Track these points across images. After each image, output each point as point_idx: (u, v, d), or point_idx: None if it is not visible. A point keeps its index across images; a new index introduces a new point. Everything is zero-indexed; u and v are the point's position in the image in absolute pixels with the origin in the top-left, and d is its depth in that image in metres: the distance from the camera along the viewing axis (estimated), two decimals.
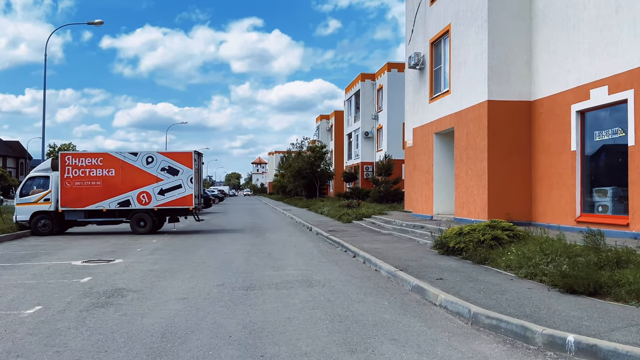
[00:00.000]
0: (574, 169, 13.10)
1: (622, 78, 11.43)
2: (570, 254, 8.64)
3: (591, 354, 4.81)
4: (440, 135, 18.62)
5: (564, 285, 7.22)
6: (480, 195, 15.05)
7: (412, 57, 19.74)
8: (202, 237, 18.08)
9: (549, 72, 14.11)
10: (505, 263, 9.39)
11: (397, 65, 43.40)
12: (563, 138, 13.48)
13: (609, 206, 12.42)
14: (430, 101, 19.05)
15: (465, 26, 16.22)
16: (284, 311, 6.95)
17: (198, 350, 5.34)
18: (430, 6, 19.18)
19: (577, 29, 12.98)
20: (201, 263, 11.68)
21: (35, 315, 6.92)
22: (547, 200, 14.20)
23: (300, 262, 11.59)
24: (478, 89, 15.25)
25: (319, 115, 73.99)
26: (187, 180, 19.75)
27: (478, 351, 5.22)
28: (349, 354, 5.15)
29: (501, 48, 14.86)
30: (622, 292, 6.69)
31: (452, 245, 11.15)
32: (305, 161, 47.97)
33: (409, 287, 8.36)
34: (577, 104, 12.92)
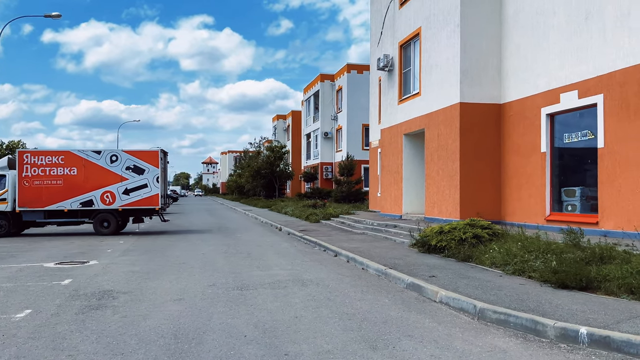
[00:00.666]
0: (544, 169, 13.63)
1: (591, 83, 11.99)
2: (554, 251, 9.00)
3: (604, 345, 5.05)
4: (410, 136, 18.96)
5: (556, 281, 7.51)
6: (452, 195, 15.42)
7: (381, 59, 19.99)
8: (170, 238, 17.72)
9: (519, 76, 14.62)
10: (490, 260, 9.67)
11: (356, 66, 43.83)
12: (533, 140, 14.00)
13: (578, 205, 13.00)
14: (400, 102, 19.35)
15: (436, 30, 16.58)
16: (289, 310, 6.93)
17: (218, 350, 5.26)
18: (399, 9, 19.49)
19: (547, 34, 13.51)
20: (181, 264, 11.46)
21: (28, 319, 6.62)
22: (516, 199, 14.70)
23: (283, 262, 11.56)
24: (450, 91, 15.62)
25: (276, 115, 73.77)
26: (153, 179, 19.31)
27: (494, 345, 5.38)
28: (372, 351, 5.20)
29: (473, 52, 15.28)
30: (612, 286, 7.02)
31: (434, 244, 11.38)
32: (264, 161, 47.71)
33: (404, 284, 8.49)
34: (547, 107, 13.45)
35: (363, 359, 4.97)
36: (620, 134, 11.15)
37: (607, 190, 11.50)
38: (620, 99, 11.15)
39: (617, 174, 11.24)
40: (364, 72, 43.72)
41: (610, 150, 11.43)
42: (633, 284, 6.75)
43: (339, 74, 45.51)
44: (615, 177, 11.27)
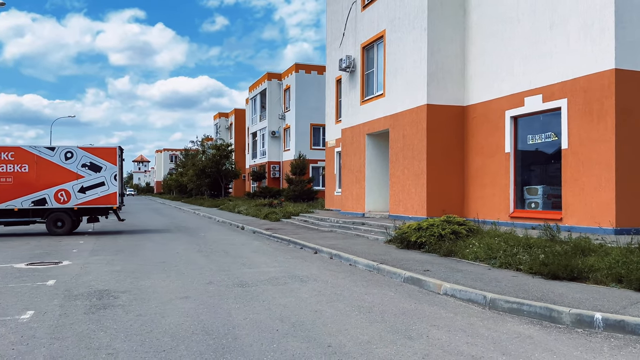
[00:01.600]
0: (507, 169, 14.38)
1: (556, 88, 12.79)
2: (536, 245, 9.59)
3: (619, 329, 5.52)
4: (373, 136, 19.39)
5: (548, 273, 8.03)
6: (419, 193, 15.95)
7: (343, 60, 20.31)
8: (132, 238, 17.24)
9: (483, 80, 15.33)
10: (473, 255, 10.14)
11: (304, 66, 44.06)
12: (497, 141, 14.73)
13: (540, 203, 13.82)
14: (362, 103, 19.74)
15: (402, 33, 17.07)
16: (304, 305, 7.04)
17: (259, 344, 5.32)
18: (362, 11, 19.89)
19: (511, 41, 14.26)
20: (162, 263, 11.24)
21: (36, 320, 6.37)
22: (479, 197, 15.41)
23: (267, 260, 11.59)
24: (417, 93, 16.13)
25: (218, 113, 72.76)
26: (110, 177, 18.71)
27: (517, 331, 5.74)
28: (410, 340, 5.43)
29: (439, 56, 15.86)
30: (600, 276, 7.61)
31: (414, 240, 11.78)
32: (210, 159, 47.00)
33: (400, 279, 8.78)
34: (512, 110, 14.21)
35: (405, 347, 5.19)
36: (584, 136, 11.98)
37: (571, 188, 12.32)
38: (584, 103, 11.99)
39: (580, 174, 12.07)
40: (312, 72, 44.06)
41: (574, 151, 12.25)
42: (622, 274, 7.35)
43: (287, 73, 45.57)
44: (579, 176, 12.10)
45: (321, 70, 44.24)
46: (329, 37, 26.32)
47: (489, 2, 15.14)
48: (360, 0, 20.01)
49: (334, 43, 25.72)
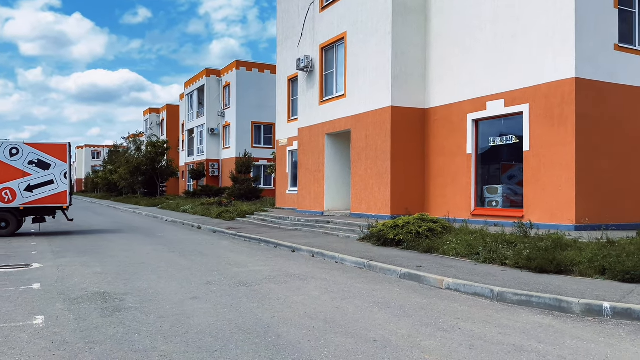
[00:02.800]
0: (469, 169, 15.13)
1: (517, 94, 13.63)
2: (511, 241, 10.24)
3: (627, 316, 6.10)
4: (332, 136, 19.68)
5: (536, 267, 8.63)
6: (383, 192, 16.42)
7: (301, 60, 20.45)
8: (87, 239, 16.54)
9: (445, 84, 16.02)
10: (453, 251, 10.66)
11: (245, 63, 43.73)
12: (459, 142, 15.45)
13: (500, 201, 14.66)
14: (321, 103, 19.99)
15: (364, 35, 17.47)
16: (321, 302, 7.18)
17: (306, 341, 5.42)
18: (321, 12, 20.13)
19: (474, 48, 15.01)
20: (141, 264, 10.95)
21: (55, 324, 6.12)
22: (440, 196, 16.10)
23: (249, 259, 11.58)
24: (381, 95, 16.59)
25: (148, 109, 70.62)
26: (60, 175, 17.86)
27: (536, 321, 6.19)
28: (446, 332, 5.73)
29: (402, 59, 16.40)
30: (583, 269, 8.29)
31: (392, 237, 12.17)
32: (145, 157, 45.55)
33: (397, 275, 9.11)
34: (474, 113, 14.96)
35: (446, 339, 5.48)
36: (545, 139, 12.87)
37: (533, 187, 13.18)
38: (546, 109, 12.87)
39: (542, 174, 12.95)
40: (253, 69, 43.80)
41: (535, 153, 13.12)
42: (605, 266, 8.04)
43: (227, 70, 45.00)
44: (540, 176, 12.97)
45: (262, 68, 44.13)
46: (280, 36, 26.39)
47: (452, 10, 15.83)
48: (318, 2, 20.23)
49: (285, 42, 25.81)
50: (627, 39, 13.32)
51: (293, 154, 25.12)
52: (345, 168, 19.75)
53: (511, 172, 14.44)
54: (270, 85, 44.17)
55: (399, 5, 16.38)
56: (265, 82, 43.82)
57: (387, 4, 16.39)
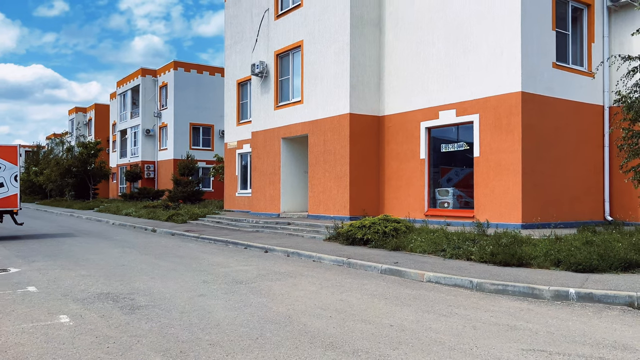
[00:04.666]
0: (423, 173, 16.32)
1: (468, 104, 14.94)
2: (471, 238, 11.39)
3: (589, 299, 7.27)
4: (288, 140, 20.35)
5: (500, 261, 9.77)
6: (342, 194, 17.30)
7: (256, 65, 20.98)
8: (44, 243, 16.23)
9: (399, 93, 17.15)
10: (420, 249, 11.67)
11: (184, 64, 43.36)
12: (412, 148, 16.61)
13: (451, 202, 15.94)
14: (277, 108, 20.61)
15: (322, 45, 18.29)
16: (324, 296, 7.89)
17: (332, 327, 6.12)
18: (275, 20, 20.75)
19: (427, 61, 16.22)
20: (122, 266, 11.14)
21: (87, 322, 6.44)
22: (394, 198, 17.20)
23: (228, 260, 12.04)
24: (339, 102, 17.47)
25: (74, 108, 67.85)
26: (10, 178, 17.40)
27: (516, 306, 7.23)
28: (446, 317, 6.62)
29: (359, 69, 17.37)
30: (540, 262, 9.52)
31: (360, 237, 13.05)
32: (77, 158, 43.98)
33: (378, 271, 9.97)
34: (427, 121, 16.16)
35: (450, 322, 6.37)
36: (494, 146, 14.23)
37: (482, 190, 14.52)
38: (494, 118, 14.23)
39: (490, 178, 14.30)
40: (191, 70, 43.52)
41: (485, 158, 14.46)
42: (559, 259, 9.30)
43: (164, 70, 44.38)
44: (489, 180, 14.33)
45: (201, 69, 43.93)
46: (228, 40, 26.71)
47: (406, 25, 16.98)
48: (273, 10, 20.84)
49: (234, 46, 26.18)
50: (563, 58, 14.98)
51: (243, 156, 25.51)
52: (301, 171, 20.47)
53: (462, 175, 15.75)
54: (209, 86, 44.10)
55: (356, 18, 17.34)
56: (204, 84, 43.69)
57: (345, 16, 17.31)
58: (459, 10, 15.29)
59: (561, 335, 5.81)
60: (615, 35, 15.71)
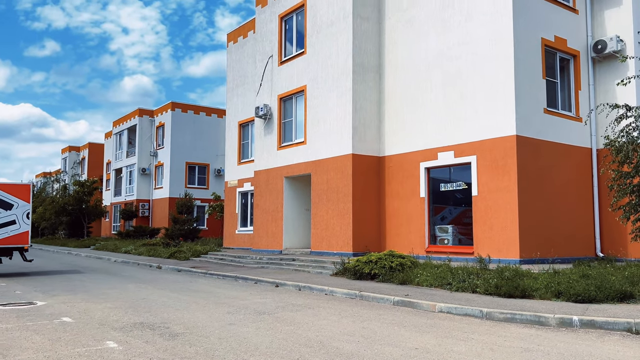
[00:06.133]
0: (423, 211, 17.10)
1: (466, 146, 15.88)
2: (475, 273, 12.08)
3: (591, 325, 7.97)
4: (290, 179, 21.11)
5: (504, 293, 10.46)
6: (344, 231, 17.98)
7: (260, 108, 21.93)
8: (53, 279, 16.60)
9: (399, 136, 18.10)
10: (427, 282, 12.33)
11: (181, 105, 44.39)
12: (412, 187, 17.45)
13: (451, 239, 16.68)
14: (279, 148, 21.45)
15: (325, 90, 19.31)
16: (345, 325, 8.49)
17: (363, 350, 6.73)
18: (279, 66, 21.83)
19: (425, 106, 17.24)
20: (143, 300, 11.62)
21: (132, 347, 6.97)
22: (396, 234, 17.92)
23: (243, 294, 12.57)
24: (342, 143, 18.37)
25: (68, 146, 68.45)
26: (22, 215, 17.88)
27: (525, 332, 7.90)
28: (465, 342, 7.27)
29: (361, 113, 18.36)
30: (541, 294, 10.22)
31: (367, 272, 13.68)
32: (72, 196, 44.26)
33: (390, 302, 10.59)
34: (426, 162, 17.06)
35: (470, 345, 7.01)
36: (492, 186, 15.10)
37: (481, 227, 15.30)
38: (491, 160, 15.16)
39: (489, 216, 15.11)
40: (188, 111, 44.51)
41: (483, 197, 15.30)
42: (560, 290, 10.02)
43: (161, 110, 45.35)
44: (488, 218, 15.13)
45: (198, 110, 44.99)
46: (230, 83, 27.80)
47: (404, 72, 18.08)
48: (277, 57, 21.95)
49: (235, 89, 27.24)
50: (553, 104, 16.08)
51: (243, 195, 26.19)
52: (302, 209, 21.17)
53: (461, 213, 16.55)
54: (206, 126, 45.07)
55: (357, 65, 18.43)
56: (201, 124, 44.67)
57: (348, 63, 18.39)
58: (455, 59, 16.41)
59: (570, 356, 6.48)
60: (600, 83, 16.90)
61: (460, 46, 16.24)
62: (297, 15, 21.34)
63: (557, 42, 16.17)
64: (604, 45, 16.34)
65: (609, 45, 16.20)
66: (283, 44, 21.99)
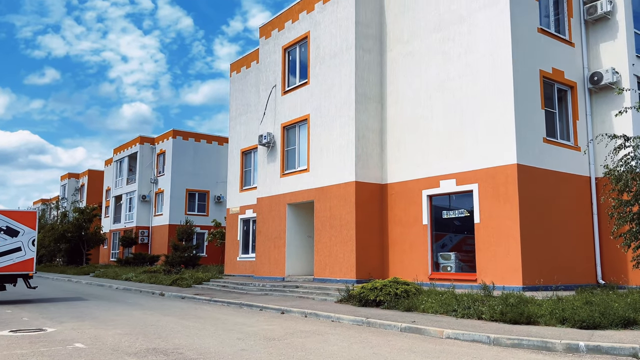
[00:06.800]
0: (426, 238, 17.31)
1: (468, 174, 16.19)
2: (481, 299, 12.25)
3: (597, 351, 8.14)
4: (293, 206, 21.34)
5: (509, 319, 10.62)
6: (348, 258, 18.14)
7: (264, 136, 22.29)
8: (58, 306, 16.64)
9: (401, 164, 18.42)
10: (432, 309, 12.48)
11: (182, 132, 44.82)
12: (415, 214, 17.69)
13: (453, 266, 16.85)
14: (282, 176, 21.73)
15: (327, 119, 19.70)
16: (355, 349, 8.64)
17: None
18: (282, 95, 22.28)
19: (426, 135, 17.60)
20: (152, 326, 11.72)
21: None
22: (399, 261, 18.08)
23: (250, 320, 12.68)
24: (345, 171, 18.67)
25: (67, 174, 68.64)
26: (28, 242, 18.04)
27: (533, 357, 8.06)
28: None
29: (363, 141, 18.71)
30: (546, 320, 10.38)
31: (372, 298, 13.82)
32: (72, 223, 44.29)
33: (398, 329, 10.72)
34: (428, 189, 17.34)
35: None
36: (494, 213, 15.36)
37: (484, 254, 15.50)
38: (492, 188, 15.45)
39: (491, 243, 15.33)
40: (189, 138, 44.93)
41: (485, 225, 15.55)
42: (565, 317, 10.19)
43: (162, 138, 45.77)
44: (490, 244, 15.35)
45: (199, 137, 45.41)
46: (233, 112, 28.25)
47: (406, 102, 18.51)
48: (280, 86, 22.41)
49: (238, 117, 27.67)
50: (552, 134, 16.47)
51: (245, 221, 26.35)
52: (304, 235, 21.35)
53: (463, 240, 16.76)
54: (207, 154, 45.44)
55: (360, 95, 18.86)
56: (201, 151, 45.05)
57: (351, 94, 18.83)
58: (456, 90, 16.84)
59: None
60: (596, 113, 17.34)
61: (461, 77, 16.69)
62: (301, 47, 21.88)
63: (555, 73, 16.64)
64: (600, 77, 16.82)
65: (605, 77, 16.68)
66: (286, 74, 22.48)
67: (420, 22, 18.31)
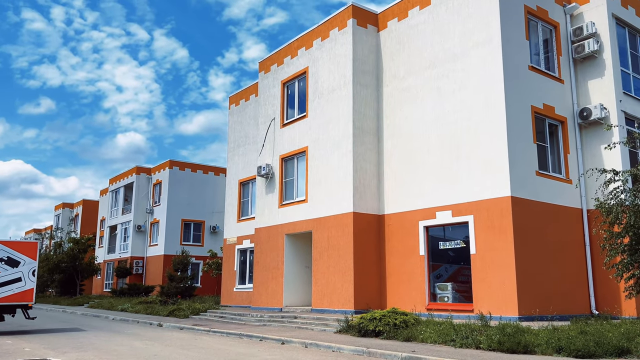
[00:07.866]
0: (423, 269, 17.60)
1: (463, 206, 16.60)
2: (479, 329, 12.51)
3: None
4: (291, 236, 21.62)
5: (507, 349, 10.89)
6: (346, 288, 18.36)
7: (262, 167, 22.71)
8: (58, 337, 16.70)
9: (397, 195, 18.84)
10: (431, 339, 12.71)
11: (179, 163, 45.21)
12: (412, 245, 18.01)
13: (450, 297, 17.11)
14: (281, 206, 22.07)
15: (325, 151, 20.17)
16: None
17: None
18: (281, 128, 22.79)
19: (423, 167, 18.07)
20: (155, 356, 11.87)
21: None
22: (396, 292, 18.31)
23: (251, 351, 12.86)
24: (343, 202, 19.05)
25: (61, 203, 68.55)
26: (28, 273, 18.20)
27: None
28: None
29: (361, 173, 19.15)
30: (543, 349, 10.66)
31: (372, 329, 14.04)
32: (66, 254, 44.14)
33: (399, 358, 10.95)
34: (425, 220, 17.72)
35: None
36: (489, 244, 15.72)
37: (480, 285, 15.80)
38: (488, 219, 15.85)
39: (487, 273, 15.65)
40: (186, 169, 45.28)
41: (481, 256, 15.89)
42: (561, 346, 10.48)
43: (159, 168, 46.10)
44: (486, 275, 15.66)
45: (195, 168, 45.77)
46: (231, 143, 28.73)
47: (402, 135, 19.04)
48: (279, 119, 22.95)
49: (236, 149, 28.14)
50: (544, 167, 16.99)
51: (242, 252, 26.55)
52: (302, 266, 21.57)
53: (459, 271, 17.07)
54: (203, 184, 45.74)
55: (357, 129, 19.38)
56: (197, 181, 45.37)
57: (348, 127, 19.36)
58: (450, 124, 17.39)
59: None
60: (587, 147, 17.91)
61: (456, 112, 17.26)
62: (299, 81, 22.49)
63: (546, 109, 17.27)
64: (589, 112, 17.46)
65: (594, 112, 17.31)
66: (285, 108, 23.04)
67: (416, 59, 18.99)
